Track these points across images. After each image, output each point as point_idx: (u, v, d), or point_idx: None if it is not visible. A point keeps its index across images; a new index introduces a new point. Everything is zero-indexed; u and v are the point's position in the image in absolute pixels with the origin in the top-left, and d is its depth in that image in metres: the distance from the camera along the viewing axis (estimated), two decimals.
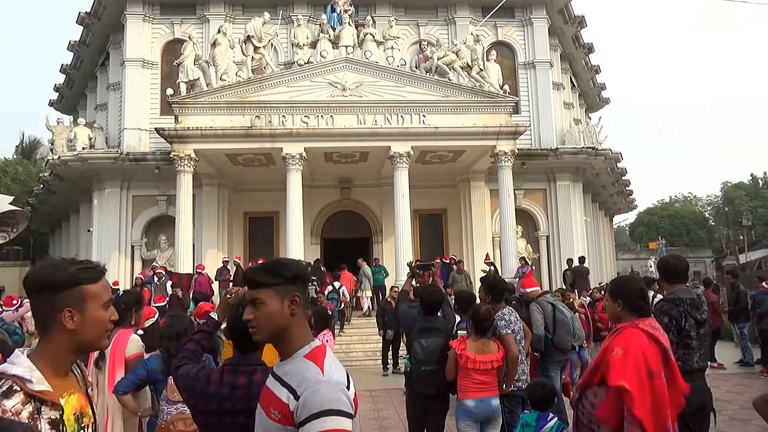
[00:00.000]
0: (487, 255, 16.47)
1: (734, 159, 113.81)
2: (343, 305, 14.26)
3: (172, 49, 18.21)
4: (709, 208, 67.23)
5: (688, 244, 55.88)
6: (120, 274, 16.91)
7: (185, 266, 14.68)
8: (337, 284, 15.67)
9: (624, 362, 2.76)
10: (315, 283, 15.70)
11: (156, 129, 15.40)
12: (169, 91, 15.22)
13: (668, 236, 54.68)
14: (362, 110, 15.15)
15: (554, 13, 20.57)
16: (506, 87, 16.26)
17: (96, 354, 3.65)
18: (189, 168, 14.79)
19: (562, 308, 5.86)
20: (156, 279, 14.20)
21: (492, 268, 15.39)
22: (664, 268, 3.65)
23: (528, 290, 5.95)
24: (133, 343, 3.80)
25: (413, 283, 6.35)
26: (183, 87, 15.15)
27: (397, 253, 15.30)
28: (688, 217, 61.00)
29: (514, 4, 19.88)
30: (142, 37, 18.64)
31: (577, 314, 6.78)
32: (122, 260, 17.41)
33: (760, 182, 60.76)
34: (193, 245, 17.36)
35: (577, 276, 15.48)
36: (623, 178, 23.82)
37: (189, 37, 15.79)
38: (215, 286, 14.91)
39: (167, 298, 8.79)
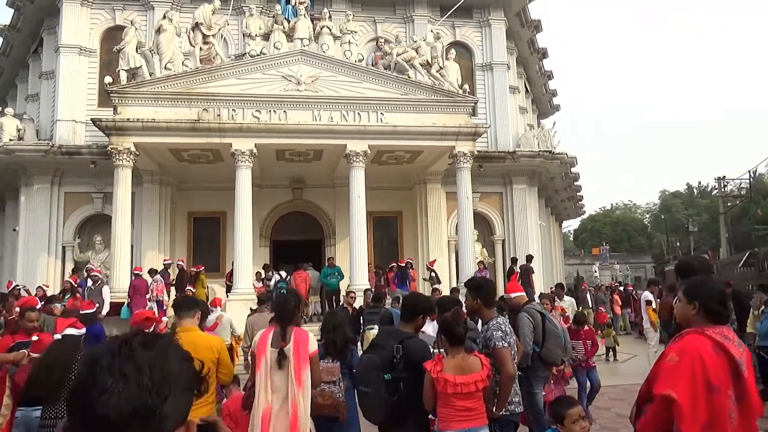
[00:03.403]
0: (432, 261, 16.08)
1: (672, 169, 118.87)
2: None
3: (113, 36, 16.94)
4: (648, 216, 69.89)
5: (629, 250, 57.77)
6: (49, 277, 15.51)
7: (122, 269, 13.53)
8: (283, 273, 14.90)
9: (676, 369, 2.29)
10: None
11: (92, 119, 14.16)
12: (108, 79, 14.03)
13: (611, 242, 56.32)
14: (318, 106, 14.44)
15: (512, 15, 20.50)
16: (466, 87, 15.91)
17: (273, 354, 3.77)
18: (128, 163, 13.66)
19: (552, 318, 5.32)
20: (91, 283, 13.05)
21: (433, 274, 15.01)
22: (684, 268, 3.19)
23: (513, 296, 5.35)
24: (313, 340, 3.91)
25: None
26: (123, 75, 14.00)
27: (352, 256, 14.65)
28: (629, 223, 63.16)
29: (472, 5, 19.68)
30: (80, 23, 17.28)
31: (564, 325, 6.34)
32: (52, 262, 15.98)
33: (695, 191, 63.51)
34: (132, 246, 16.21)
35: (522, 276, 15.28)
36: (575, 183, 24.02)
37: (131, 23, 14.61)
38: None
39: (96, 305, 7.83)
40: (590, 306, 17.47)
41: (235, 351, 10.04)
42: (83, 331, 4.06)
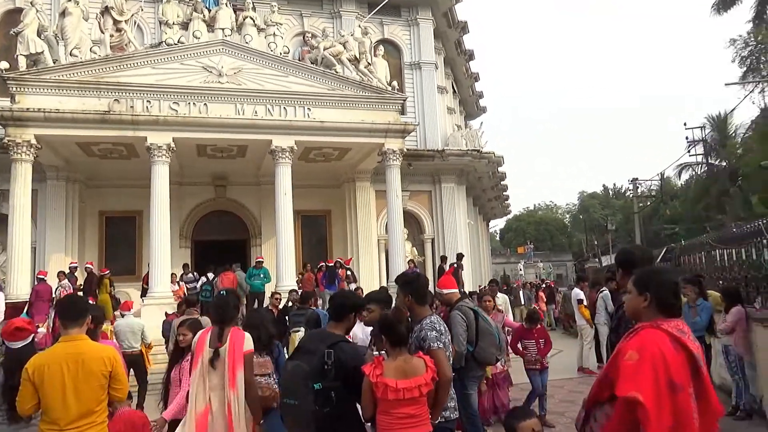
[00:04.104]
0: (348, 259, 15.81)
1: (590, 161, 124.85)
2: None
3: (13, 20, 15.43)
4: (568, 216, 72.94)
5: (552, 249, 59.99)
6: None
7: (21, 273, 12.29)
8: (210, 275, 14.23)
9: (637, 368, 2.05)
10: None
11: None
12: (4, 65, 12.70)
13: (534, 241, 58.26)
14: (241, 99, 13.74)
15: (439, 15, 20.56)
16: (395, 84, 15.69)
17: (208, 354, 3.73)
18: (28, 157, 12.43)
19: (485, 316, 5.05)
20: None
21: (349, 272, 14.76)
22: (626, 259, 2.99)
23: (445, 292, 5.02)
24: (248, 340, 3.87)
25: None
26: (23, 61, 12.72)
27: (279, 256, 14.06)
28: (551, 223, 65.65)
29: (400, 3, 19.58)
30: None
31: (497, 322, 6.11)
32: None
33: (611, 192, 66.86)
34: (35, 249, 14.86)
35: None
36: (502, 182, 24.44)
37: (31, 4, 13.32)
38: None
39: None
40: (523, 303, 17.72)
41: (146, 358, 9.31)
42: None
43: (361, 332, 6.19)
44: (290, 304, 10.08)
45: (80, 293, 13.11)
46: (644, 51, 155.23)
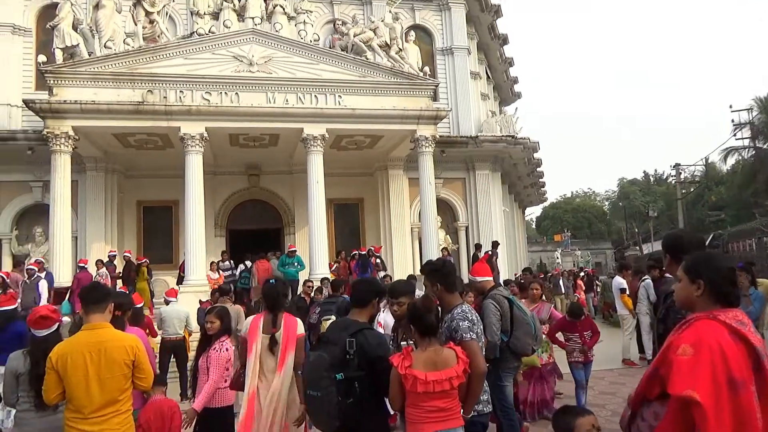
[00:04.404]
0: (377, 247, 15.58)
1: (629, 156, 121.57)
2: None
3: (50, 15, 15.63)
4: (607, 203, 71.21)
5: (590, 237, 58.73)
6: None
7: (63, 261, 12.60)
8: (248, 263, 14.36)
9: (693, 364, 1.84)
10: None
11: (24, 101, 13.10)
12: (42, 58, 12.97)
13: (572, 229, 57.13)
14: (272, 88, 13.71)
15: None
16: (426, 69, 15.41)
17: (263, 341, 3.94)
18: (66, 148, 12.69)
19: (520, 304, 4.82)
20: (27, 277, 12.12)
21: (378, 260, 14.56)
22: (674, 244, 2.75)
23: (479, 279, 4.78)
24: (300, 325, 4.20)
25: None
26: (59, 54, 12.97)
27: (312, 245, 14.06)
28: (589, 210, 64.18)
29: None
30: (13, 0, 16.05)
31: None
32: None
33: (652, 179, 64.96)
34: (76, 238, 15.25)
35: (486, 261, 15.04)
36: (538, 169, 23.91)
37: None
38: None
39: (18, 301, 7.09)
40: (563, 292, 17.20)
41: (188, 346, 9.42)
42: None
43: (392, 320, 6.06)
44: (323, 291, 10.02)
45: (119, 281, 13.43)
46: (686, 29, 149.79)
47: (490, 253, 14.91)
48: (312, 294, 9.97)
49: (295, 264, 13.93)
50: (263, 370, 3.96)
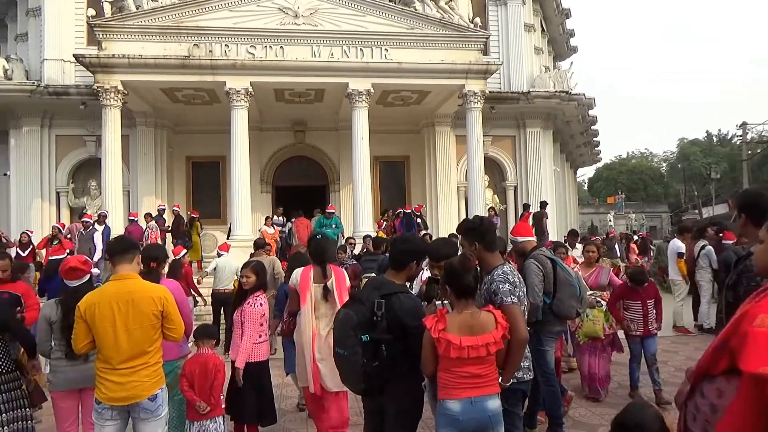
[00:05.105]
0: (419, 206, 15.18)
1: (691, 115, 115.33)
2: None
3: None
4: (665, 164, 68.09)
5: (645, 199, 56.53)
6: (44, 223, 15.03)
7: (115, 214, 12.96)
8: (289, 224, 14.44)
9: None
10: None
11: (75, 56, 13.29)
12: (91, 12, 13.07)
13: (626, 191, 55.09)
14: (317, 41, 13.42)
15: None
16: (477, 20, 14.72)
17: (316, 290, 4.27)
18: (116, 102, 12.87)
19: (564, 265, 4.52)
20: (82, 228, 12.55)
21: (419, 220, 14.23)
22: (751, 203, 2.40)
23: (519, 240, 4.50)
24: (346, 275, 4.59)
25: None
26: (108, 8, 13.01)
27: (356, 202, 13.95)
28: (645, 172, 61.58)
29: None
30: None
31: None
32: (46, 208, 15.47)
33: (715, 139, 61.53)
34: (129, 192, 15.66)
35: (535, 222, 14.56)
36: (593, 127, 22.87)
37: None
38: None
39: (66, 251, 7.27)
40: (618, 255, 16.47)
41: None
42: None
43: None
44: (347, 251, 9.89)
45: (168, 235, 13.75)
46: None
47: (531, 212, 14.41)
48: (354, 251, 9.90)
49: (333, 226, 13.71)
50: (317, 315, 4.28)
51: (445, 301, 3.04)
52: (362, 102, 13.72)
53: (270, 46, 13.23)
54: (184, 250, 8.33)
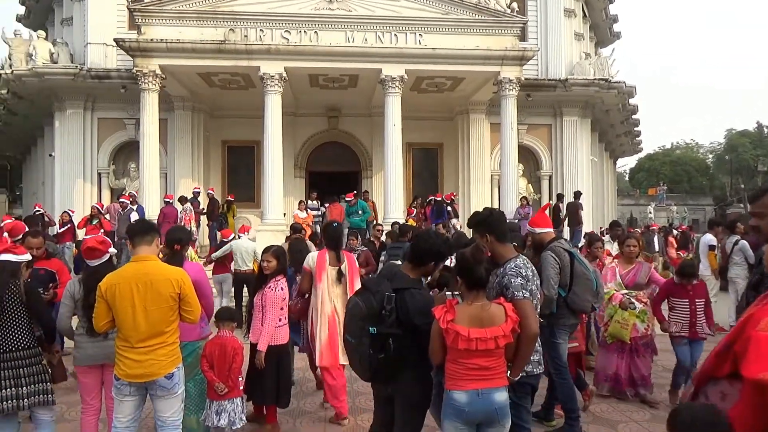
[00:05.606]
0: (449, 194, 14.98)
1: (734, 103, 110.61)
2: None
3: None
4: (711, 156, 65.65)
5: (689, 191, 54.74)
6: (86, 203, 15.54)
7: (152, 195, 13.31)
8: (322, 209, 14.57)
9: None
10: None
11: (115, 40, 13.61)
12: None
13: (669, 183, 53.41)
14: (351, 26, 13.39)
15: None
16: (514, 5, 14.42)
17: (331, 273, 4.79)
18: (154, 86, 13.15)
19: (582, 259, 4.45)
20: (120, 209, 12.95)
21: (449, 208, 14.04)
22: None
23: (537, 231, 4.42)
24: (355, 260, 5.17)
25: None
26: None
27: (386, 189, 13.96)
28: (689, 163, 59.54)
29: None
30: None
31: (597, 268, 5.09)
32: (88, 188, 16.01)
33: (766, 130, 58.92)
34: (166, 174, 16.04)
35: (570, 212, 14.28)
36: (634, 116, 22.20)
37: None
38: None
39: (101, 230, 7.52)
40: (657, 250, 15.88)
41: None
42: (24, 257, 3.55)
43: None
44: (358, 237, 9.77)
45: (203, 217, 14.04)
46: None
47: (550, 203, 14.11)
48: (382, 238, 9.90)
49: (360, 212, 13.43)
50: (331, 297, 4.77)
51: (456, 292, 3.02)
52: (395, 88, 13.66)
53: (304, 31, 13.28)
54: (233, 234, 8.50)
